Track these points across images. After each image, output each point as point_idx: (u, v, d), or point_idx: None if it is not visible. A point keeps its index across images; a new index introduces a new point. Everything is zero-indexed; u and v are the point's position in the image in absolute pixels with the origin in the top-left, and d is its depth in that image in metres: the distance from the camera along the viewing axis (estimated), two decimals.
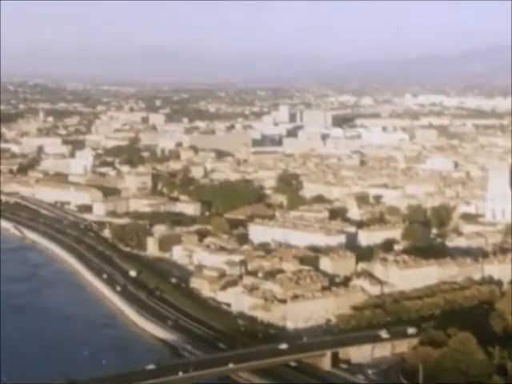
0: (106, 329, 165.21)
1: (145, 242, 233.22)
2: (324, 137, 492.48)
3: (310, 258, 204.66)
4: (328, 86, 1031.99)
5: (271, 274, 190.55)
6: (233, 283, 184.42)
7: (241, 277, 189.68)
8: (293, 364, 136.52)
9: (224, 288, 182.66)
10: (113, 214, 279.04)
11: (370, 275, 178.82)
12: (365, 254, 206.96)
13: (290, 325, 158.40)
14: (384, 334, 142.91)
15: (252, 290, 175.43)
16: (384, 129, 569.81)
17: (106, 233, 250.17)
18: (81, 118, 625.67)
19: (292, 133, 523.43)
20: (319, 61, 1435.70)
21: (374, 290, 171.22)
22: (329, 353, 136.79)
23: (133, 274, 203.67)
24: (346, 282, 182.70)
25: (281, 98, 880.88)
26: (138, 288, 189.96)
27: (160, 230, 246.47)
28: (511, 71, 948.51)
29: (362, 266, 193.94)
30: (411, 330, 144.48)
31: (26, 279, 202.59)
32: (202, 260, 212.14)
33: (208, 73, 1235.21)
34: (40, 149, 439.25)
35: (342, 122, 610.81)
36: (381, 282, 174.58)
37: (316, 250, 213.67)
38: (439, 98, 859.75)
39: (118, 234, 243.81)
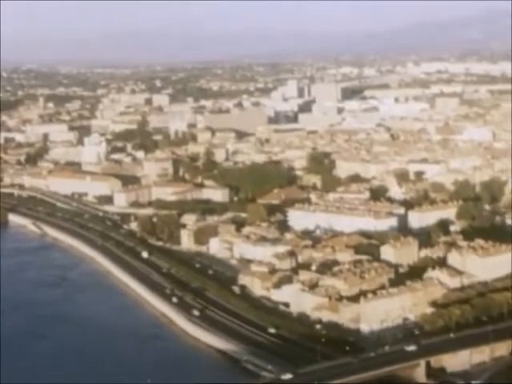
0: (156, 341, 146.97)
1: (177, 234, 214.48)
2: (339, 110, 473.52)
3: (366, 245, 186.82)
4: (323, 60, 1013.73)
5: (326, 267, 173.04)
6: (287, 279, 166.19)
7: (295, 271, 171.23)
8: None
9: (278, 285, 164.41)
10: (135, 204, 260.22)
11: (445, 265, 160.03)
12: (421, 238, 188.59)
13: (365, 327, 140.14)
14: (481, 335, 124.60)
15: (312, 287, 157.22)
16: (396, 99, 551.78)
17: (133, 226, 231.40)
18: (82, 103, 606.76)
19: (304, 108, 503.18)
20: (310, 36, 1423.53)
21: (453, 282, 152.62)
22: (423, 362, 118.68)
23: (171, 272, 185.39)
24: (412, 272, 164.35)
25: (281, 73, 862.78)
26: (180, 289, 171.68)
27: (190, 219, 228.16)
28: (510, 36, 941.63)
29: (425, 252, 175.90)
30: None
31: (55, 284, 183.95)
32: (245, 253, 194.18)
33: (199, 51, 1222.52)
34: (45, 136, 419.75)
35: (350, 94, 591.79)
36: (459, 273, 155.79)
37: (368, 236, 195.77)
38: (443, 66, 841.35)
39: (146, 226, 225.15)
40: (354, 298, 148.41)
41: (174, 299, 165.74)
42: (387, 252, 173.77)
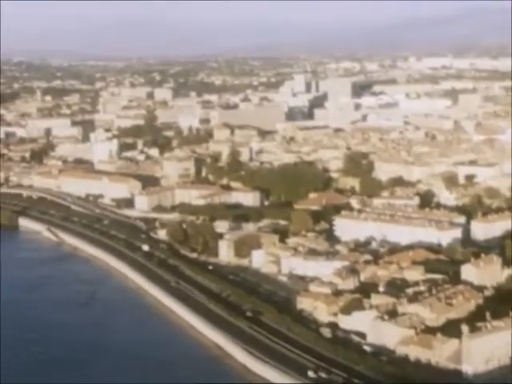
0: (214, 378, 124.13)
1: (213, 245, 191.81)
2: (356, 107, 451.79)
3: (435, 262, 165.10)
4: (317, 54, 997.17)
5: (396, 288, 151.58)
6: (357, 304, 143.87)
7: (361, 293, 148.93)
8: None
9: (347, 311, 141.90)
10: (158, 208, 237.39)
11: None
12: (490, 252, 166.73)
13: (468, 369, 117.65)
14: None
15: (390, 314, 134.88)
16: (407, 95, 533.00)
17: (161, 234, 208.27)
18: (81, 96, 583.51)
19: (315, 103, 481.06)
20: (299, 29, 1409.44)
21: None
22: None
23: (215, 290, 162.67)
24: (501, 296, 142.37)
25: (280, 67, 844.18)
26: (230, 312, 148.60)
27: (223, 227, 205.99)
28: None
29: (507, 272, 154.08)
30: None
31: (83, 304, 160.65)
32: (294, 268, 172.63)
33: (189, 44, 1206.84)
34: (48, 131, 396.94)
35: (359, 89, 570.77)
36: None
37: (435, 250, 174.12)
38: (446, 61, 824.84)
39: (177, 235, 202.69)
40: (445, 330, 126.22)
41: (225, 325, 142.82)
42: (469, 271, 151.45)
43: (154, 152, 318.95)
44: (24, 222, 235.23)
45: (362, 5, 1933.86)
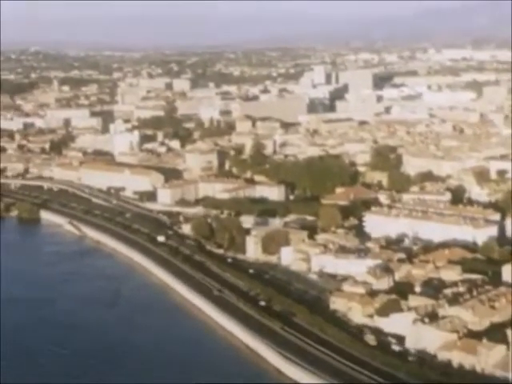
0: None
1: (240, 241, 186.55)
2: (378, 99, 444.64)
3: (472, 261, 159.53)
4: (333, 45, 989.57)
5: (432, 288, 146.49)
6: (394, 305, 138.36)
7: (397, 293, 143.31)
8: None
9: (384, 313, 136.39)
10: (182, 202, 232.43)
11: None
12: None
13: None
14: None
15: (430, 317, 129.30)
16: (429, 87, 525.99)
17: (186, 229, 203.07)
18: (99, 86, 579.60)
19: (335, 95, 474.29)
20: (313, 19, 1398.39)
21: None
22: None
23: (244, 289, 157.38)
24: None
25: (298, 58, 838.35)
26: (262, 313, 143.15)
27: (249, 222, 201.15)
28: None
29: None
30: None
31: (109, 302, 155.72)
32: (325, 266, 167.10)
33: (205, 35, 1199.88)
34: (67, 122, 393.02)
35: (380, 81, 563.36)
36: None
37: (471, 249, 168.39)
38: (466, 53, 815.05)
39: (202, 230, 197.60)
40: (490, 335, 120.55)
41: (258, 327, 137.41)
42: (510, 272, 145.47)
43: (175, 144, 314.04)
44: (45, 215, 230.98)
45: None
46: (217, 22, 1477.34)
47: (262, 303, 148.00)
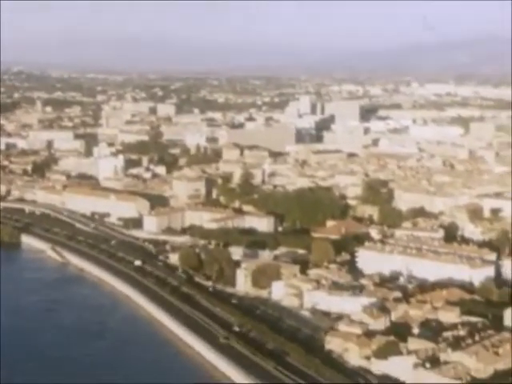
0: None
1: (230, 273, 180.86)
2: (365, 131, 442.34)
3: (470, 303, 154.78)
4: (316, 75, 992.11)
5: (430, 330, 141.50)
6: (392, 347, 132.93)
7: (397, 335, 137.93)
8: None
9: (382, 355, 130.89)
10: (168, 230, 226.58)
11: None
12: None
13: None
14: None
15: (432, 361, 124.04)
16: (414, 121, 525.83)
17: (173, 258, 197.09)
18: (82, 109, 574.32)
19: (321, 126, 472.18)
20: (299, 51, 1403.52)
21: None
22: None
23: (235, 324, 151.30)
24: None
25: (282, 88, 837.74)
26: (254, 351, 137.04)
27: (238, 253, 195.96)
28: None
29: None
30: None
31: (97, 334, 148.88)
32: (318, 303, 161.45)
33: (190, 61, 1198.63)
34: (50, 144, 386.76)
35: (366, 113, 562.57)
36: None
37: (468, 289, 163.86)
38: (449, 88, 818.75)
39: (190, 260, 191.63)
40: (495, 382, 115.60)
41: (250, 367, 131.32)
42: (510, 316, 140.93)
43: (161, 170, 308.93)
44: (27, 240, 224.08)
45: (361, 30, 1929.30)
46: (199, 49, 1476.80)
47: (254, 341, 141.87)
